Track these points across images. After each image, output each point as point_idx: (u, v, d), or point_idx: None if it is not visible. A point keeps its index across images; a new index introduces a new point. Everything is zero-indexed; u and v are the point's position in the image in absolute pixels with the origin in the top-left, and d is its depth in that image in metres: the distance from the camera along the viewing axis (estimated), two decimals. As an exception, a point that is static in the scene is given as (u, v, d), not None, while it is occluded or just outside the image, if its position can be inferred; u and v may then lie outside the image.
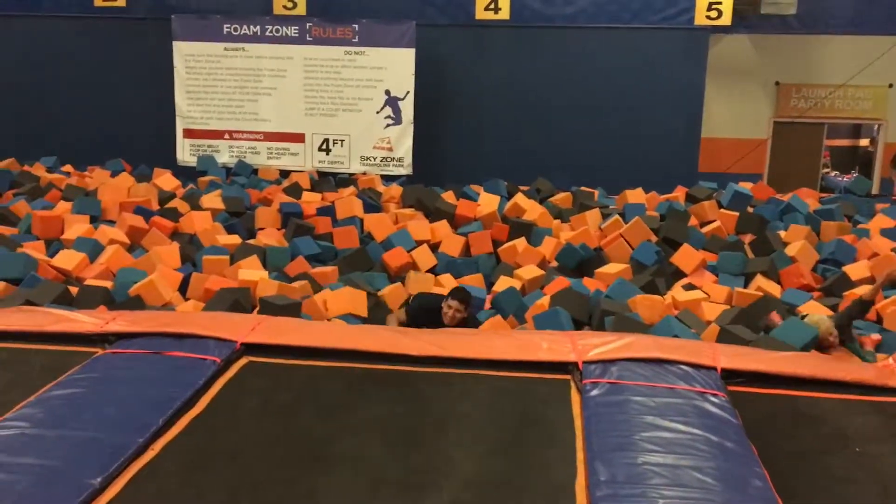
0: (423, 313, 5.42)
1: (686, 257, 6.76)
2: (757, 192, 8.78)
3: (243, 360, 4.26)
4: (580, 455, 3.34)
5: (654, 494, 2.96)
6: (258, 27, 10.34)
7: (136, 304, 5.60)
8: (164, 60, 10.43)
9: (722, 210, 8.01)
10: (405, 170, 10.42)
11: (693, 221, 7.80)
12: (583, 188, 9.26)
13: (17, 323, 4.60)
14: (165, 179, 9.19)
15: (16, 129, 11.17)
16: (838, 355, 4.93)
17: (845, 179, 12.59)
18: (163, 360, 4.15)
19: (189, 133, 10.61)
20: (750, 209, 8.19)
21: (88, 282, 6.00)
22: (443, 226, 7.71)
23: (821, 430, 3.69)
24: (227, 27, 10.35)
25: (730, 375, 4.07)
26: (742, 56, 11.92)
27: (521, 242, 7.18)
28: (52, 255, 6.58)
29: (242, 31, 10.34)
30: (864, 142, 14.04)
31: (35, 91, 11.23)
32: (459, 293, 5.45)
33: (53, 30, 11.17)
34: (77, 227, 7.14)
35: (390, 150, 10.42)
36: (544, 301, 5.75)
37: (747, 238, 7.43)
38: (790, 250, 6.93)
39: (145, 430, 3.38)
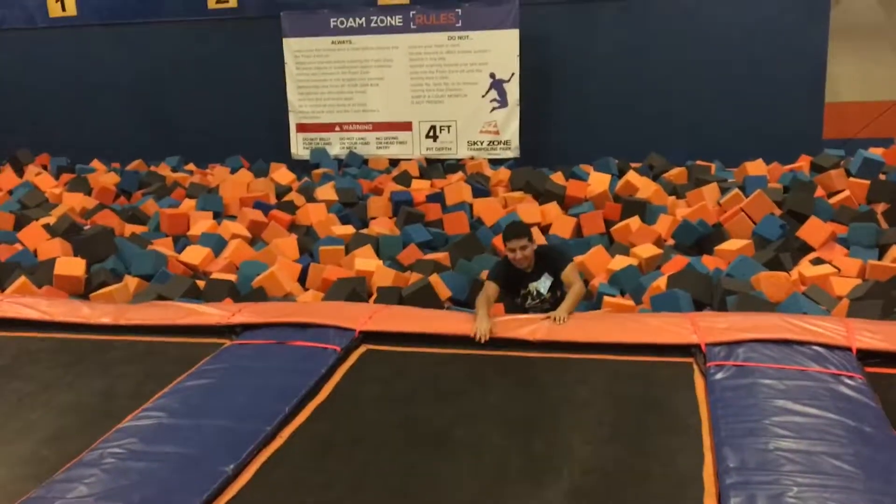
0: (506, 273, 4.89)
1: (813, 230, 6.39)
2: (889, 158, 8.20)
3: (362, 349, 4.38)
4: (707, 441, 3.23)
5: (788, 482, 2.82)
6: (363, 19, 10.47)
7: (259, 295, 5.81)
8: (276, 57, 10.74)
9: (851, 178, 7.53)
10: (513, 153, 10.34)
11: (819, 192, 7.38)
12: (698, 162, 8.93)
13: (152, 317, 4.89)
14: (282, 174, 9.51)
15: (141, 132, 11.75)
16: None
17: None
18: (286, 349, 4.31)
19: (301, 127, 10.90)
20: (882, 176, 7.67)
21: (214, 275, 6.27)
22: (553, 207, 7.61)
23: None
24: (333, 21, 10.54)
25: (866, 356, 3.83)
26: (868, 12, 11.15)
27: (634, 221, 6.99)
28: (179, 251, 6.91)
29: (349, 24, 10.50)
30: None
31: (156, 95, 11.75)
32: (512, 229, 4.84)
33: (170, 34, 11.62)
34: (202, 223, 7.47)
35: (497, 133, 10.37)
36: (661, 282, 5.57)
37: (880, 207, 6.95)
38: (929, 218, 6.47)
39: (273, 418, 3.51)
